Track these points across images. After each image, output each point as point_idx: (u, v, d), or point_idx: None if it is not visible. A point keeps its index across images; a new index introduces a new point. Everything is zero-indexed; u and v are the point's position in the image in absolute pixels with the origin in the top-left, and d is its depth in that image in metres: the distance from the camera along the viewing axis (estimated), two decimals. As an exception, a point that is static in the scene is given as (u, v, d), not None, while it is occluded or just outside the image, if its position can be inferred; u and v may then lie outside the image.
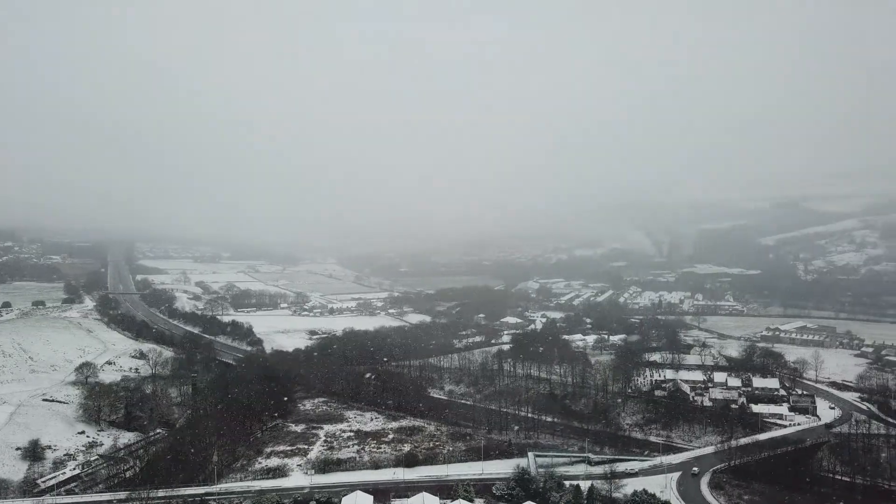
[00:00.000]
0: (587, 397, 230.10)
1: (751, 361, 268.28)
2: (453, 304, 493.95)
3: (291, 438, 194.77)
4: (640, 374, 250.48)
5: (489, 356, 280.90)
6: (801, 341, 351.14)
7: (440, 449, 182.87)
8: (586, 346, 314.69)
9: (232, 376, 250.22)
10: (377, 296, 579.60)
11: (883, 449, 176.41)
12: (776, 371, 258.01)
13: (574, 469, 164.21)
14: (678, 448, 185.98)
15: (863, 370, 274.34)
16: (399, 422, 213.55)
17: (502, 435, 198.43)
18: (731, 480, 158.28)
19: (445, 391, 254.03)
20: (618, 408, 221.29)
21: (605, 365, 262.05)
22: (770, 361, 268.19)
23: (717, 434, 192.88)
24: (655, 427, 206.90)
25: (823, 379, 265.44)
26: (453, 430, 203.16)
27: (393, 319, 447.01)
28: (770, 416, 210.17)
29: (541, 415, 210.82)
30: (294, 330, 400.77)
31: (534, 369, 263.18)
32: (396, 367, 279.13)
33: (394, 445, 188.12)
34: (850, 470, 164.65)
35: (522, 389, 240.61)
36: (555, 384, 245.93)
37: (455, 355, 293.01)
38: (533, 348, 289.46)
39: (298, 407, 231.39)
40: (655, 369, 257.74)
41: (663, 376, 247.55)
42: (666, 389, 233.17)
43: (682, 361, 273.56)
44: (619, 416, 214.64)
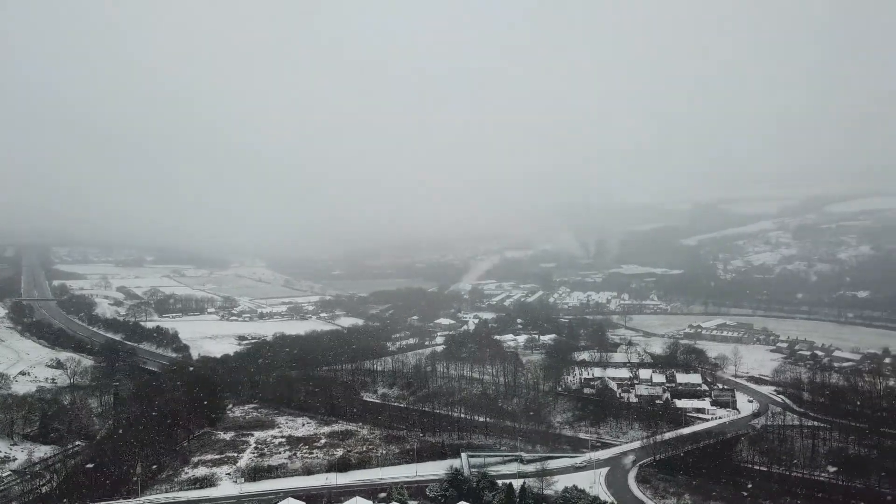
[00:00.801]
0: (519, 396, 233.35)
1: (674, 358, 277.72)
2: (386, 306, 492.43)
3: (220, 446, 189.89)
4: (569, 373, 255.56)
5: (422, 358, 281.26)
6: (722, 338, 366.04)
7: (373, 452, 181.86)
8: (518, 346, 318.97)
9: (157, 384, 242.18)
10: (308, 299, 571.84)
11: (796, 439, 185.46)
12: (698, 367, 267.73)
13: (507, 468, 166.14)
14: (607, 444, 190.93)
15: (778, 364, 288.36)
16: (331, 426, 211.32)
17: (436, 436, 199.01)
18: (657, 474, 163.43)
19: (379, 394, 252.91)
20: (549, 406, 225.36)
21: (536, 364, 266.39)
22: (693, 358, 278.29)
23: (644, 429, 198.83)
24: (585, 424, 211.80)
25: (742, 374, 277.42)
26: (387, 433, 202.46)
27: (325, 323, 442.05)
28: (693, 411, 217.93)
29: (474, 415, 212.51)
30: (222, 335, 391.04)
31: (466, 370, 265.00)
32: (329, 371, 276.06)
33: (326, 450, 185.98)
34: (767, 460, 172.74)
35: (456, 390, 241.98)
36: (487, 384, 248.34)
37: (388, 358, 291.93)
38: (466, 349, 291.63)
39: (227, 414, 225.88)
40: (584, 368, 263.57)
41: (592, 374, 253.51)
42: (594, 387, 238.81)
43: (610, 359, 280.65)
44: (550, 415, 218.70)
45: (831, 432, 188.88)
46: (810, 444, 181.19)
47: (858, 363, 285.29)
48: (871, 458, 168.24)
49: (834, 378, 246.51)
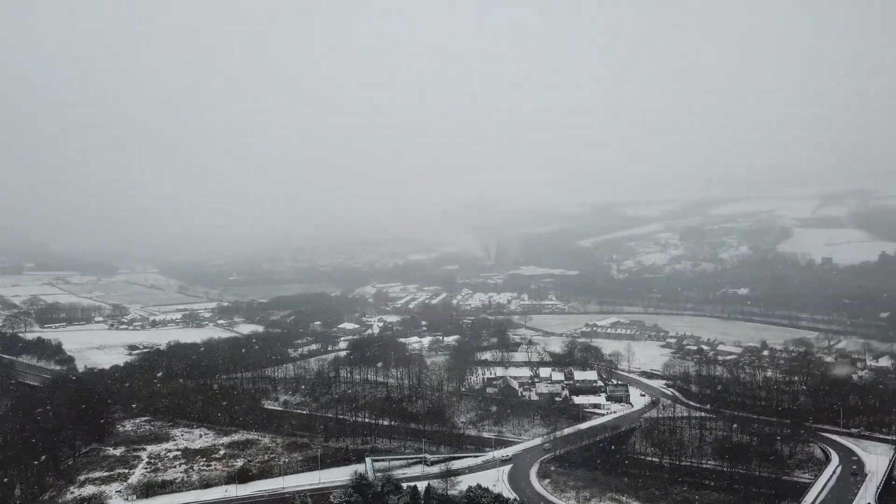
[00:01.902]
0: (424, 398, 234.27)
1: (572, 356, 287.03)
2: (288, 312, 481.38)
3: (110, 463, 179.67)
4: (473, 373, 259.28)
5: (326, 363, 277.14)
6: (616, 335, 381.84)
7: (276, 461, 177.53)
8: (422, 348, 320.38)
9: (37, 399, 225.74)
10: (205, 306, 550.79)
11: (685, 429, 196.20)
12: (595, 364, 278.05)
13: (412, 470, 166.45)
14: (509, 442, 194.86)
15: (668, 359, 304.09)
16: (231, 436, 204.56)
17: (340, 442, 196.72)
18: (557, 469, 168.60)
19: (281, 402, 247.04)
20: (453, 407, 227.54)
21: (441, 365, 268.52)
22: (589, 355, 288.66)
23: (544, 426, 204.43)
24: (488, 423, 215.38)
25: (635, 369, 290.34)
26: (289, 441, 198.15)
27: (223, 330, 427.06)
28: (590, 406, 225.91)
29: (378, 419, 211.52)
30: (111, 345, 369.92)
31: (371, 374, 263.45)
32: (228, 379, 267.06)
33: (225, 461, 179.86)
34: (659, 451, 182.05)
35: (360, 395, 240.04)
36: (392, 387, 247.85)
37: (290, 365, 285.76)
38: (370, 353, 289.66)
39: (118, 428, 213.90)
40: (487, 367, 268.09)
41: (494, 374, 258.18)
42: (497, 386, 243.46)
43: (511, 359, 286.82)
44: (454, 415, 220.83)
45: (716, 422, 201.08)
46: (698, 433, 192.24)
47: (740, 356, 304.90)
48: (752, 445, 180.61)
49: (718, 371, 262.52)
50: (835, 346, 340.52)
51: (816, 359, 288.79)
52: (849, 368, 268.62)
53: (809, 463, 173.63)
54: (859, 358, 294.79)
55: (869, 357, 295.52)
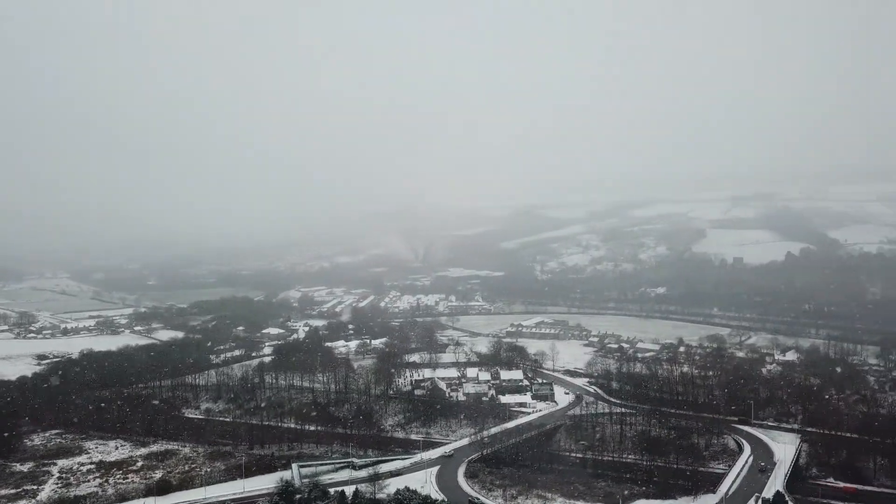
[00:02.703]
0: (351, 402, 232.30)
1: (498, 356, 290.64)
2: (209, 317, 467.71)
3: (16, 480, 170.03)
4: (401, 375, 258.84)
5: (250, 369, 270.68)
6: (540, 335, 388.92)
7: (197, 471, 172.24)
8: (349, 352, 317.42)
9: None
10: (121, 312, 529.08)
11: (607, 425, 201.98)
12: (520, 363, 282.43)
13: (339, 475, 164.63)
14: (437, 443, 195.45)
15: (590, 357, 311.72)
16: (149, 447, 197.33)
17: (265, 449, 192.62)
18: (485, 468, 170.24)
19: (202, 410, 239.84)
20: (381, 410, 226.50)
21: (368, 369, 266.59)
22: (515, 355, 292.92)
23: (472, 426, 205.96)
24: (416, 425, 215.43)
25: (559, 368, 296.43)
26: (212, 450, 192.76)
27: (140, 337, 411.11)
28: (516, 406, 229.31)
29: (305, 424, 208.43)
30: (17, 355, 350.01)
31: (297, 379, 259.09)
32: (146, 388, 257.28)
33: (143, 473, 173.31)
34: (582, 447, 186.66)
35: (285, 400, 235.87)
36: (318, 392, 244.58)
37: (212, 371, 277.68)
38: (296, 358, 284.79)
39: (25, 443, 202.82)
40: (415, 369, 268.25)
41: (422, 376, 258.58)
42: (425, 388, 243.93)
43: (439, 360, 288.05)
44: (382, 418, 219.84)
45: (636, 417, 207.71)
46: (619, 429, 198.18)
47: (658, 353, 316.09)
48: (670, 438, 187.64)
49: (638, 367, 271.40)
50: (746, 341, 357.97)
51: (729, 354, 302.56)
52: (759, 362, 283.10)
53: (724, 454, 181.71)
54: (768, 352, 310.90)
55: (777, 351, 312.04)
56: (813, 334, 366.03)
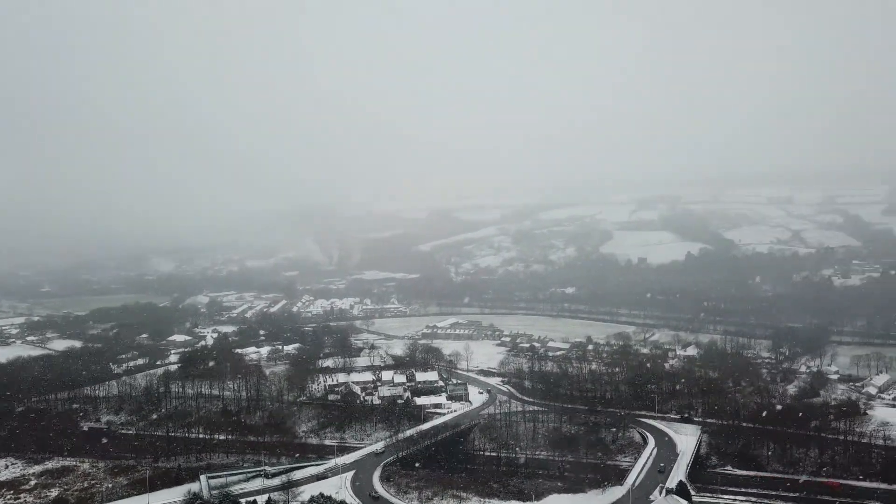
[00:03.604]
0: (263, 410, 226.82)
1: (414, 358, 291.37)
2: (110, 325, 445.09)
3: None
4: (314, 381, 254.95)
5: (155, 379, 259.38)
6: (455, 336, 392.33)
7: (97, 488, 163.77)
8: (260, 358, 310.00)
9: None
10: (11, 321, 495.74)
11: (520, 423, 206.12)
12: (435, 364, 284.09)
13: (250, 485, 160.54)
14: (352, 448, 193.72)
15: (503, 357, 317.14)
16: (44, 464, 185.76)
17: (171, 461, 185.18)
18: (400, 471, 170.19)
19: (103, 422, 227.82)
20: (294, 416, 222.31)
21: (280, 375, 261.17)
22: (430, 356, 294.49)
23: (387, 429, 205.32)
24: (330, 430, 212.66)
25: (474, 368, 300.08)
26: (113, 465, 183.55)
27: (33, 348, 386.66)
28: (431, 407, 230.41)
29: (214, 434, 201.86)
30: None
31: (205, 388, 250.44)
32: (39, 401, 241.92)
33: (38, 493, 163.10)
34: (496, 445, 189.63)
35: (193, 410, 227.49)
36: (229, 400, 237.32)
37: (114, 382, 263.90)
38: (204, 365, 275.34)
39: None
40: (329, 374, 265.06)
41: (336, 380, 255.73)
42: (339, 393, 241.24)
43: (354, 364, 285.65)
44: (295, 425, 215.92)
45: (548, 414, 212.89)
46: (531, 426, 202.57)
47: (568, 351, 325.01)
48: (580, 434, 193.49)
49: (549, 366, 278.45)
50: (650, 338, 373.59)
51: (634, 351, 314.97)
52: (662, 358, 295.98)
53: (630, 447, 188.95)
54: (670, 348, 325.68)
55: (678, 347, 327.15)
56: (711, 330, 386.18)
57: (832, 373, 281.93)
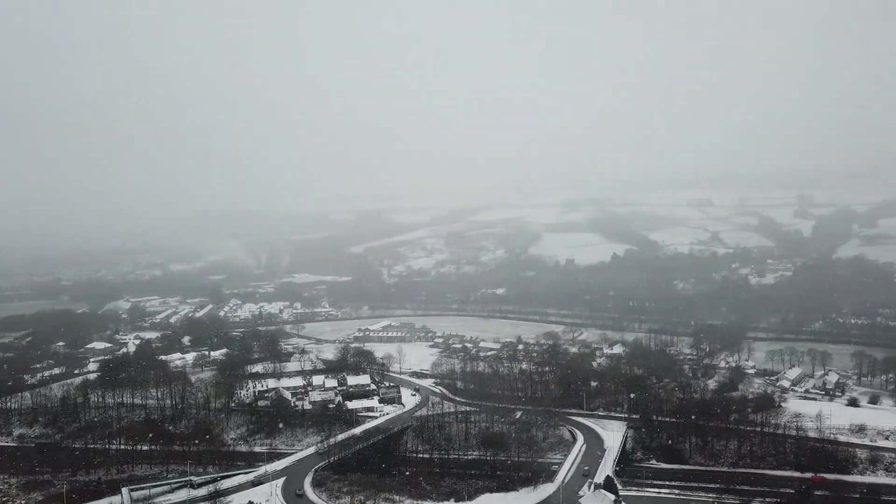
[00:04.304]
0: (189, 418, 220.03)
1: (345, 362, 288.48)
2: (23, 333, 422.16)
3: None
4: (243, 387, 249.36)
5: (72, 388, 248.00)
6: (388, 338, 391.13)
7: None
8: (186, 365, 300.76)
9: None
10: None
11: (453, 424, 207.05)
12: (367, 368, 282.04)
13: (176, 496, 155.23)
14: (282, 454, 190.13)
15: (436, 359, 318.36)
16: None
17: (91, 475, 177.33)
18: (332, 476, 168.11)
19: (15, 436, 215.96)
20: (221, 424, 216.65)
21: (207, 382, 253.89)
22: (362, 360, 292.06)
23: (318, 434, 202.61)
24: (260, 437, 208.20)
25: (407, 370, 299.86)
26: (27, 480, 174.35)
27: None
28: (364, 410, 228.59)
29: (137, 444, 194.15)
30: None
31: (127, 397, 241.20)
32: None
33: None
34: (429, 447, 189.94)
35: (114, 420, 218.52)
36: (152, 409, 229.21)
37: (27, 393, 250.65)
38: (125, 374, 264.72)
39: None
40: (258, 380, 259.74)
41: (266, 386, 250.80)
42: (269, 398, 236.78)
43: (284, 369, 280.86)
44: (223, 432, 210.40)
45: (480, 414, 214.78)
46: (464, 427, 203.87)
47: (499, 351, 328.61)
48: (511, 433, 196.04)
49: (481, 366, 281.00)
50: (578, 337, 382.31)
51: (563, 350, 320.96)
52: (589, 357, 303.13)
53: (560, 444, 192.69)
54: (598, 347, 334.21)
55: (605, 345, 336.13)
56: (636, 328, 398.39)
57: (749, 367, 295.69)
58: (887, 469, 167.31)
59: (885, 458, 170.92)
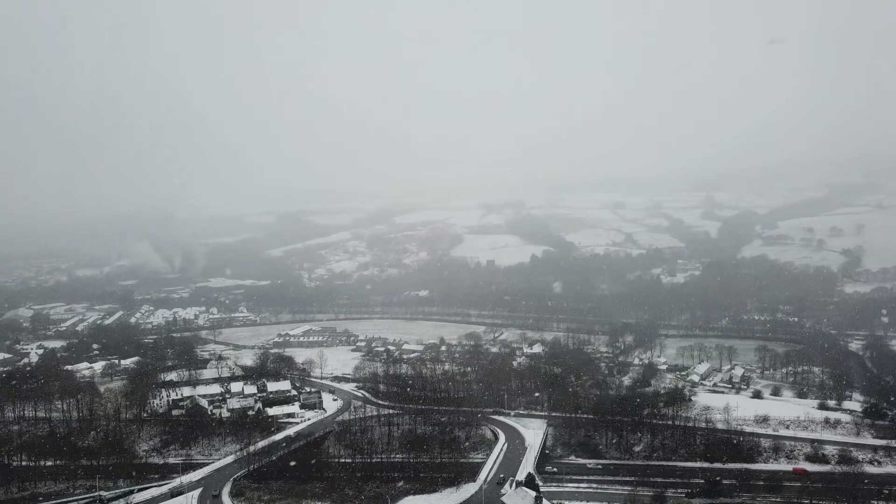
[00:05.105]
0: (97, 430, 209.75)
1: (265, 368, 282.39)
2: None
3: None
4: (156, 396, 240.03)
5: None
6: (309, 343, 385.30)
7: None
8: (94, 375, 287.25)
9: None
10: None
11: (376, 428, 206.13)
12: (288, 373, 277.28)
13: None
14: (199, 464, 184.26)
15: (358, 362, 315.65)
16: None
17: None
18: (251, 485, 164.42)
19: None
20: (133, 435, 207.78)
21: (117, 392, 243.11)
22: (282, 365, 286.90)
23: (237, 442, 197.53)
24: (175, 447, 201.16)
25: (328, 375, 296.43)
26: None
27: None
28: (284, 417, 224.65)
29: (41, 460, 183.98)
30: None
31: (29, 410, 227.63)
32: None
33: None
34: (352, 451, 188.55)
35: (14, 435, 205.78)
36: (57, 422, 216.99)
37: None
38: (27, 385, 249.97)
39: None
40: (173, 388, 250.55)
41: (181, 394, 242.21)
42: (184, 407, 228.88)
43: (200, 377, 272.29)
44: (135, 444, 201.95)
45: (403, 417, 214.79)
46: (387, 430, 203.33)
47: (422, 353, 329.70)
48: (434, 434, 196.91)
49: (404, 369, 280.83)
50: (499, 337, 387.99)
51: (485, 350, 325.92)
52: (510, 356, 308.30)
53: (482, 444, 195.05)
54: (518, 346, 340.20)
55: (525, 345, 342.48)
56: (555, 328, 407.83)
57: (661, 363, 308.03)
58: (788, 456, 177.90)
59: (786, 447, 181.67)
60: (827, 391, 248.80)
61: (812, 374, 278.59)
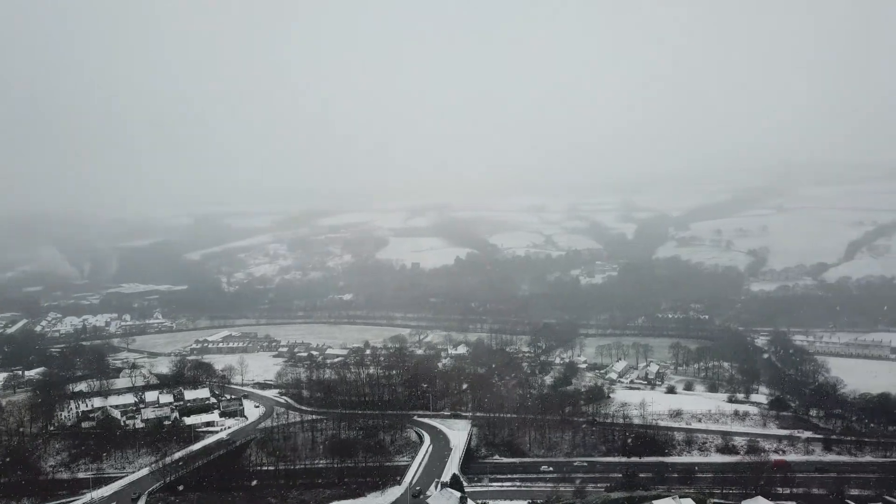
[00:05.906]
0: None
1: (182, 375, 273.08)
2: None
3: None
4: (64, 408, 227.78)
5: None
6: (228, 349, 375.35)
7: None
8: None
9: None
10: None
11: (299, 434, 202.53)
12: (207, 381, 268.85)
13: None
14: (111, 478, 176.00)
15: (280, 368, 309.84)
16: None
17: None
18: (168, 497, 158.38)
19: None
20: (38, 450, 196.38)
21: (21, 404, 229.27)
22: (200, 373, 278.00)
23: (153, 454, 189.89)
24: (85, 461, 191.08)
25: (249, 381, 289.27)
26: None
27: None
28: (203, 426, 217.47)
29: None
30: None
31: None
32: None
33: None
34: (275, 458, 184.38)
35: None
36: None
37: None
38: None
39: None
40: (82, 399, 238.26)
41: (91, 405, 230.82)
42: (95, 419, 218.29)
43: (112, 386, 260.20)
44: (40, 460, 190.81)
45: (327, 422, 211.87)
46: (311, 436, 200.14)
47: (346, 357, 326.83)
48: (359, 439, 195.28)
49: (327, 373, 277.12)
50: (424, 339, 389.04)
51: (410, 352, 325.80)
52: (435, 358, 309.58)
53: (407, 447, 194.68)
54: (443, 348, 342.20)
55: (450, 346, 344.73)
56: (479, 329, 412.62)
57: (581, 362, 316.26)
58: (700, 448, 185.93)
59: (699, 439, 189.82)
60: (736, 385, 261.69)
61: (722, 370, 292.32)
